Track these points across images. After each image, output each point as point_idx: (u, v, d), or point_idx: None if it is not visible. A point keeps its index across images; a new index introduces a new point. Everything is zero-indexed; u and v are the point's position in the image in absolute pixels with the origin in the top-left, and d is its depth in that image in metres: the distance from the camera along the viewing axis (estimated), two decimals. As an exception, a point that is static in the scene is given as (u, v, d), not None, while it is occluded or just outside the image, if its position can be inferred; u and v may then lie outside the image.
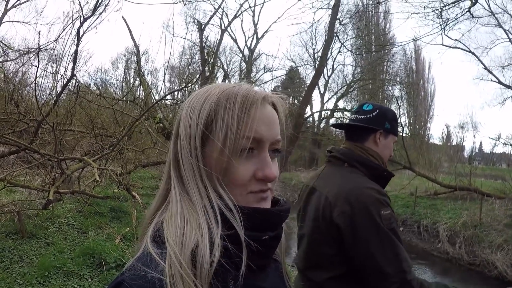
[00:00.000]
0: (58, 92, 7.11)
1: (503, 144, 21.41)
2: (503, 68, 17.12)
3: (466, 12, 13.13)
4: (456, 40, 15.93)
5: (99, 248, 6.08)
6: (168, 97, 13.29)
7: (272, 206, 0.94)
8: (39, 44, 5.78)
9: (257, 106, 0.87)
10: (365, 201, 1.85)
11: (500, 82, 17.19)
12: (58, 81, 7.97)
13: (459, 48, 16.31)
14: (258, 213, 0.85)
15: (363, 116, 2.13)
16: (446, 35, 15.08)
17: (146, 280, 0.73)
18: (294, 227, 2.20)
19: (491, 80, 17.37)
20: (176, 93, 14.81)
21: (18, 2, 17.18)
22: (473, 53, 16.39)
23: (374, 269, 1.80)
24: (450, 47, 16.37)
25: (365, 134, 2.12)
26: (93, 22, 6.32)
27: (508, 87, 17.43)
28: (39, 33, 5.51)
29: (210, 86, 0.92)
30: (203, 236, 0.77)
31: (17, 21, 20.09)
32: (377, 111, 2.12)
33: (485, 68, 16.90)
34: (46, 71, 8.68)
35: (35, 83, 6.24)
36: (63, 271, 5.39)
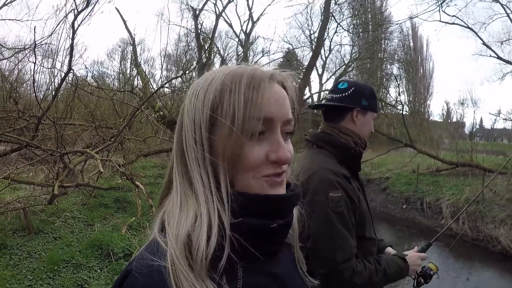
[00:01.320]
0: (56, 86, 7.11)
1: (503, 119, 21.42)
2: (502, 43, 16.98)
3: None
4: (453, 16, 15.80)
5: (106, 239, 6.12)
6: (167, 85, 13.25)
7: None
8: (35, 40, 5.78)
9: (265, 84, 0.82)
10: (314, 181, 1.84)
11: (499, 58, 17.06)
12: (56, 76, 7.94)
13: (457, 24, 16.17)
14: (268, 201, 0.83)
15: (338, 95, 2.07)
16: (444, 12, 14.91)
17: (153, 269, 0.73)
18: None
19: (490, 56, 17.21)
20: (174, 81, 14.71)
21: (8, 0, 16.91)
22: (471, 29, 16.23)
23: (310, 251, 1.78)
24: (448, 23, 16.22)
25: (341, 113, 2.06)
26: (87, 15, 6.23)
27: (507, 62, 17.29)
28: (34, 29, 5.50)
29: (213, 71, 0.87)
30: (201, 227, 0.75)
31: (9, 19, 19.69)
32: (353, 88, 2.06)
33: (484, 43, 16.75)
34: (43, 66, 8.63)
35: (33, 79, 6.23)
36: (72, 264, 5.44)
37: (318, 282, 1.01)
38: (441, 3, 14.11)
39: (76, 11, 6.02)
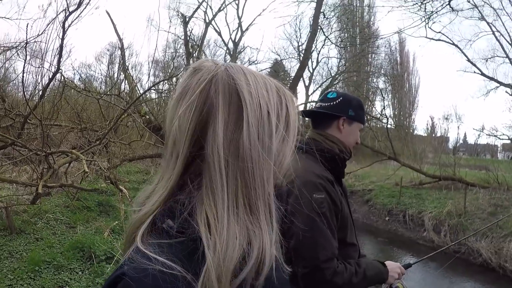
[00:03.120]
0: (44, 85, 7.04)
1: (487, 135, 21.70)
2: (486, 61, 17.33)
3: (446, 5, 13.31)
4: (439, 32, 16.08)
5: (88, 242, 6.03)
6: (153, 90, 13.22)
7: None
8: (26, 38, 5.72)
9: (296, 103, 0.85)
10: (299, 183, 1.87)
11: (483, 74, 17.39)
12: (44, 76, 7.88)
13: (442, 40, 16.47)
14: None
15: (326, 104, 2.15)
16: (430, 28, 15.16)
17: (147, 274, 0.67)
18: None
19: (475, 72, 17.57)
20: (161, 87, 14.68)
21: (-3, -2, 16.71)
22: (456, 46, 16.57)
23: (293, 250, 1.83)
24: (433, 39, 16.55)
25: (328, 121, 2.13)
26: (78, 16, 6.20)
27: (491, 79, 17.63)
28: (27, 26, 5.47)
29: (248, 71, 0.79)
30: (252, 249, 0.71)
31: (-1, 17, 19.42)
32: (341, 98, 2.14)
33: (469, 60, 17.10)
34: (31, 65, 8.53)
35: (23, 77, 6.16)
36: (53, 265, 5.35)
37: (290, 269, 0.93)
38: (427, 20, 14.37)
39: (67, 11, 5.99)
